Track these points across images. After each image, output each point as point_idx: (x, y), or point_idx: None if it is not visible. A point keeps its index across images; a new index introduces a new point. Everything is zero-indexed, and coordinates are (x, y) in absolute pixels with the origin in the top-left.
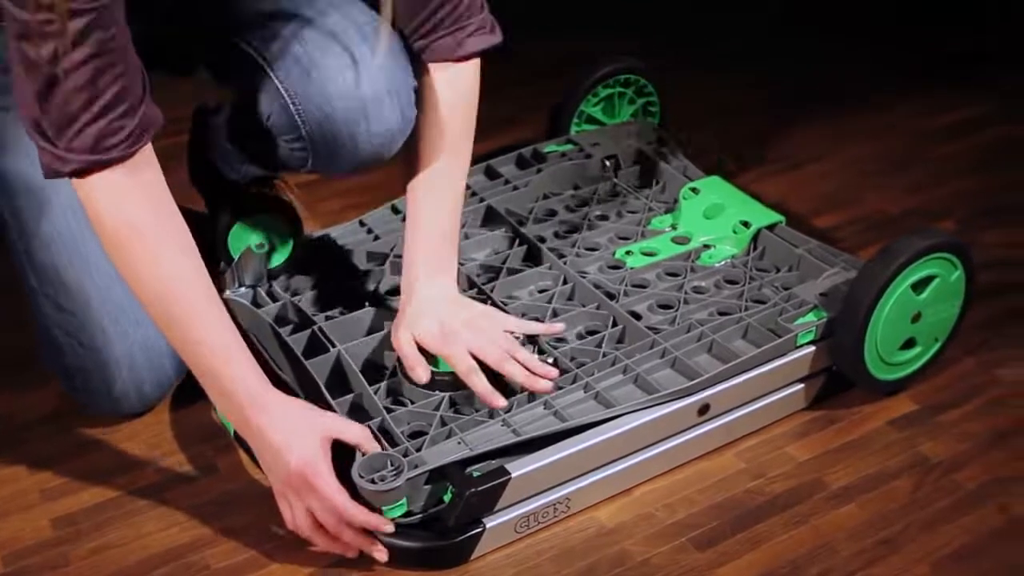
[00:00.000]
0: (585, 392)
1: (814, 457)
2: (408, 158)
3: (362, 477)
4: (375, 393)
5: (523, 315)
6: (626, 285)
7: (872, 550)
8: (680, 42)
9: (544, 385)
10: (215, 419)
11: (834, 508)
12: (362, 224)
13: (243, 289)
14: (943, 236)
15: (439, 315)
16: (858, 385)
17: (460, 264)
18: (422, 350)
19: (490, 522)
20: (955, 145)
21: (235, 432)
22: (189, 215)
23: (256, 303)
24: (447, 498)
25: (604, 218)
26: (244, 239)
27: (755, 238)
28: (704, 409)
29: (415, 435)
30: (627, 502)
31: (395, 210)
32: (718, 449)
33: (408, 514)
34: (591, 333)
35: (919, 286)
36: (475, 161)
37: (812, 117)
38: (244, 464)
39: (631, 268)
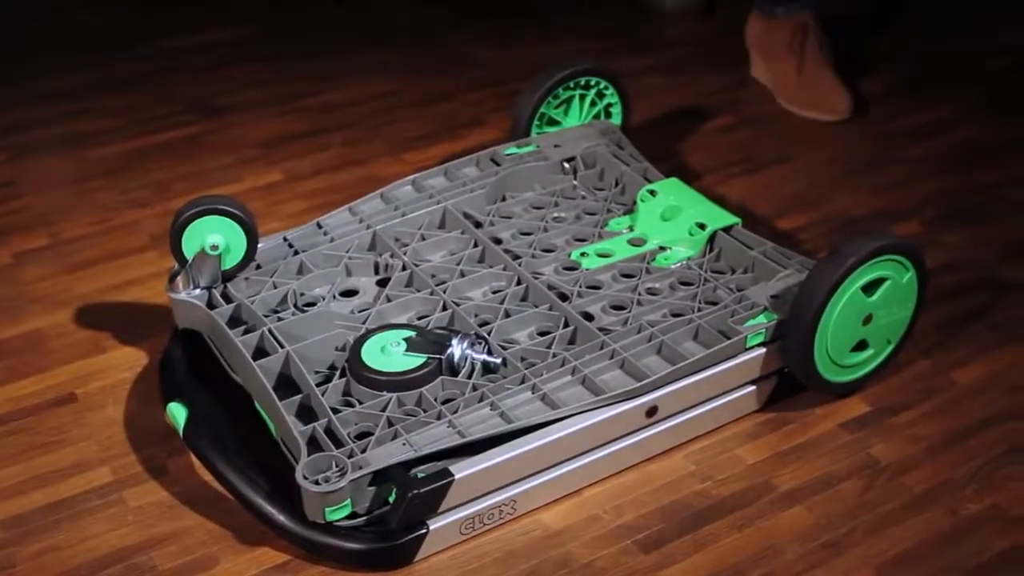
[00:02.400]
0: (532, 393)
1: (764, 459)
2: None
3: (306, 478)
4: (322, 394)
5: (475, 316)
6: (580, 286)
7: (817, 553)
8: (647, 45)
9: None
10: (167, 421)
11: (781, 510)
12: (319, 226)
13: (198, 291)
14: (893, 238)
15: None
16: (810, 387)
17: (416, 265)
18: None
19: (434, 524)
20: (921, 147)
21: (184, 433)
22: None
23: (211, 304)
24: (392, 499)
25: (562, 220)
26: (198, 240)
27: (711, 240)
28: (652, 411)
29: (362, 436)
30: (574, 504)
31: (352, 212)
32: (668, 451)
33: (352, 515)
34: (543, 334)
35: (870, 288)
36: (437, 163)
37: (777, 119)
38: (194, 466)
39: (586, 269)
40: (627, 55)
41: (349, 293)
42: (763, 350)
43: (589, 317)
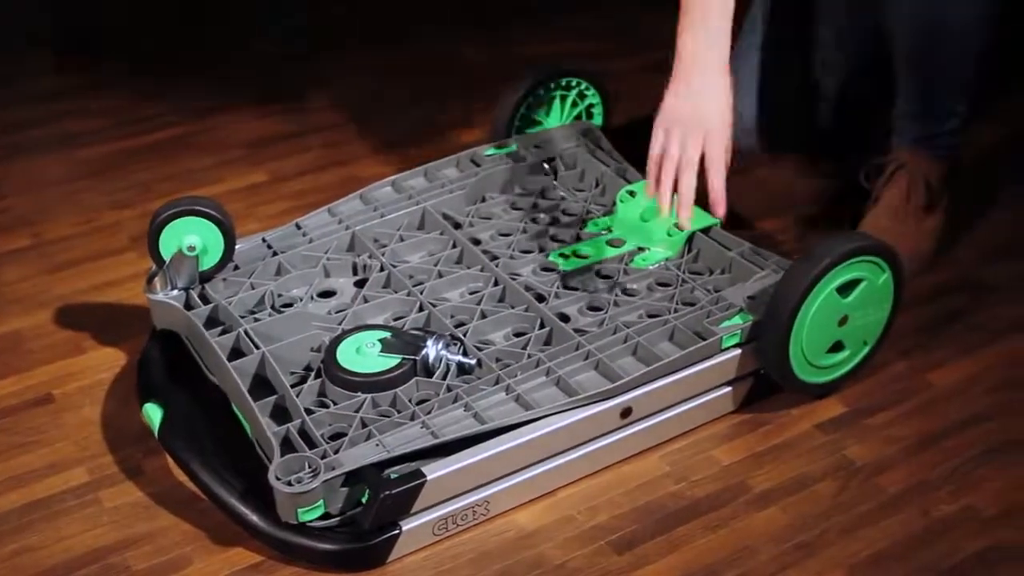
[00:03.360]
0: (506, 394)
1: (739, 460)
2: None
3: (279, 479)
4: (297, 395)
5: (451, 316)
6: (557, 287)
7: (790, 554)
8: (646, 44)
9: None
10: (143, 421)
11: (756, 511)
12: (298, 227)
13: (175, 292)
14: (869, 239)
15: None
16: (786, 389)
17: (392, 265)
18: None
19: (407, 524)
20: None
21: (159, 434)
22: None
23: (188, 305)
24: (365, 500)
25: (541, 221)
26: (175, 241)
27: (690, 241)
28: (627, 412)
29: (336, 436)
30: (548, 505)
31: (331, 213)
32: (643, 452)
33: (326, 516)
34: (519, 335)
35: (845, 289)
36: (418, 163)
37: None
38: (170, 467)
39: (564, 270)
40: (627, 55)
41: (327, 294)
42: (739, 351)
43: (566, 318)
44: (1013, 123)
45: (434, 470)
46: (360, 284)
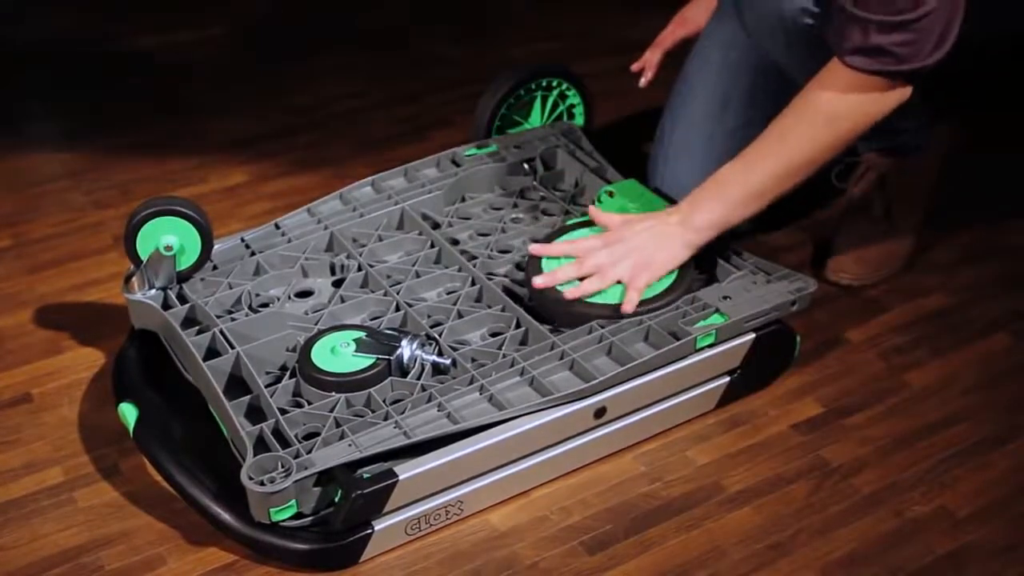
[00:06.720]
0: (480, 394)
1: (714, 461)
2: None
3: (251, 479)
4: (272, 395)
5: (428, 316)
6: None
7: (762, 554)
8: (609, 46)
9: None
10: (119, 421)
11: (728, 512)
12: (277, 227)
13: (153, 291)
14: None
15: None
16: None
17: (370, 265)
18: None
19: (379, 524)
20: None
21: (134, 433)
22: None
23: (166, 305)
24: (337, 500)
25: (520, 221)
26: (152, 242)
27: None
28: (600, 412)
29: (310, 436)
30: (522, 505)
31: (311, 213)
32: (619, 452)
33: (299, 515)
34: (495, 335)
35: None
36: (399, 163)
37: None
38: (146, 467)
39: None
40: (607, 55)
41: (305, 294)
42: (713, 351)
43: (541, 319)
44: (987, 124)
45: (406, 470)
46: (338, 284)
